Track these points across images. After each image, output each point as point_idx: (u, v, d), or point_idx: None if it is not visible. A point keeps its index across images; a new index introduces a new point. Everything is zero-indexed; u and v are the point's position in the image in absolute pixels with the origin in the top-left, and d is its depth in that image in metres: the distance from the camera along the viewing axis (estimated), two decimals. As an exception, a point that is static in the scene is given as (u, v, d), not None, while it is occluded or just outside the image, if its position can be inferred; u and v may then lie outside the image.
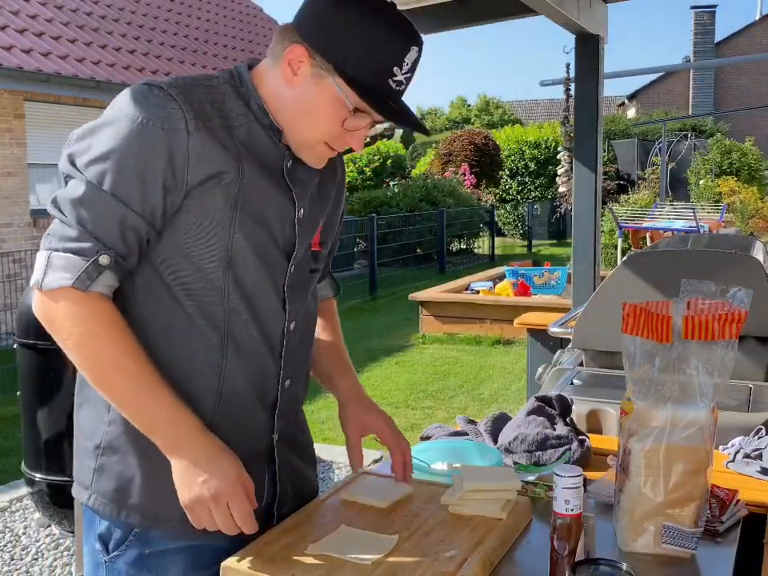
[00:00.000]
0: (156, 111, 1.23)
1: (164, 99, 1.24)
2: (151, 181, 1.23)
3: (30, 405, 3.58)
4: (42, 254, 1.24)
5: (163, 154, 1.23)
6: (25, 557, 3.56)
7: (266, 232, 1.34)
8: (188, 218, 1.27)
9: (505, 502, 1.42)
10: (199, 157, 1.25)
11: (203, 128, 1.25)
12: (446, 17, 3.89)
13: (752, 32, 29.74)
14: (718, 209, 13.06)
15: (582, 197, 4.16)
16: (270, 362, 1.38)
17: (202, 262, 1.29)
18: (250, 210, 1.30)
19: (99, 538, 1.34)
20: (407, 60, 1.28)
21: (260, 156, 1.33)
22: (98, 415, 1.34)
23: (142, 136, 1.22)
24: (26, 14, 9.57)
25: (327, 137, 1.33)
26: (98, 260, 1.22)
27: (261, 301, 1.35)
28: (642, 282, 2.87)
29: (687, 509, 1.33)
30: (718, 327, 1.31)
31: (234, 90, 1.33)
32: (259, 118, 1.33)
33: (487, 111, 39.74)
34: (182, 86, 1.28)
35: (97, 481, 1.33)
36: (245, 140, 1.31)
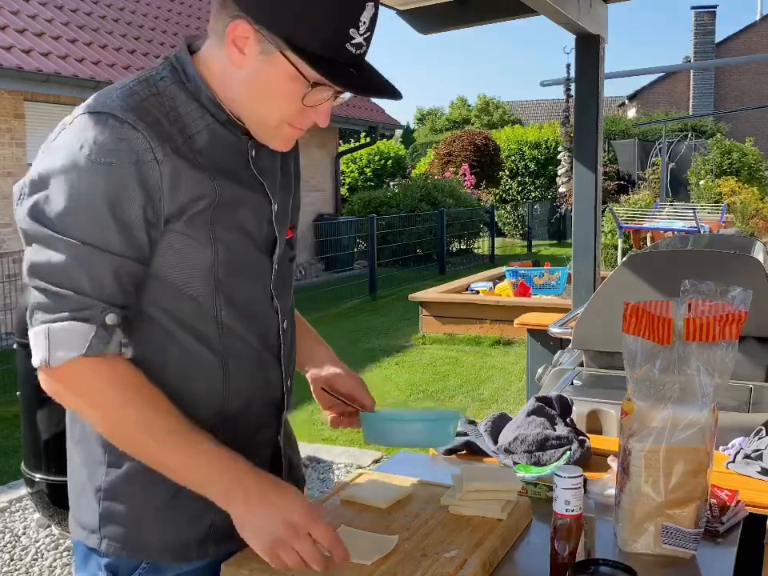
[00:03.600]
0: (118, 145, 1.12)
1: (123, 130, 1.13)
2: (132, 221, 1.14)
3: (30, 405, 3.57)
4: (36, 331, 1.13)
5: (137, 190, 1.14)
6: (25, 557, 3.55)
7: (246, 237, 1.26)
8: (167, 248, 1.19)
9: (505, 503, 1.41)
10: (172, 186, 1.16)
11: (171, 153, 1.16)
12: (446, 17, 3.90)
13: (752, 32, 29.74)
14: (718, 209, 13.06)
15: (582, 197, 4.16)
16: (272, 366, 1.34)
17: (188, 288, 1.22)
18: (226, 221, 1.23)
19: (107, 568, 1.27)
20: (364, 19, 1.14)
21: (226, 158, 1.24)
22: (95, 456, 1.27)
23: (110, 177, 1.12)
24: (26, 14, 9.57)
25: (288, 116, 1.22)
26: (105, 321, 1.14)
27: (253, 309, 1.30)
28: (642, 282, 2.87)
29: (687, 509, 1.33)
30: (718, 328, 1.31)
31: (181, 88, 1.22)
32: (216, 115, 1.23)
33: (487, 111, 39.73)
34: (136, 107, 1.16)
35: (104, 527, 1.27)
36: (208, 146, 1.21)
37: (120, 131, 1.13)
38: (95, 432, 1.25)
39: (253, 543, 1.16)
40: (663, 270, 2.90)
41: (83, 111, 1.17)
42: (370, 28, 1.17)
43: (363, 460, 4.61)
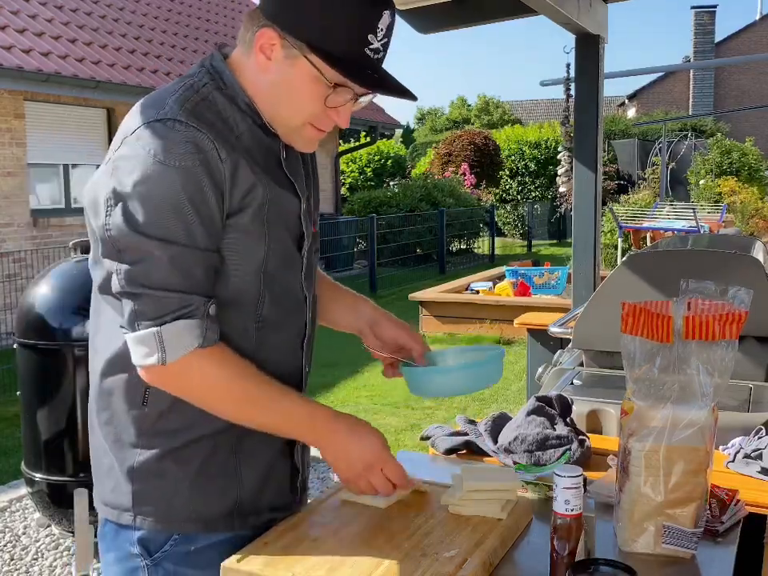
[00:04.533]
0: (187, 148, 1.21)
1: (189, 133, 1.22)
2: (210, 216, 1.23)
3: (30, 405, 3.57)
4: (142, 336, 1.22)
5: (210, 186, 1.22)
6: (25, 557, 3.56)
7: (287, 233, 1.37)
8: (229, 240, 1.28)
9: (505, 502, 1.42)
10: (232, 182, 1.25)
11: (231, 151, 1.25)
12: (446, 17, 3.89)
13: (752, 32, 29.75)
14: (718, 209, 13.06)
15: (582, 197, 4.16)
16: (296, 355, 1.44)
17: (238, 283, 1.30)
18: (274, 219, 1.32)
19: (139, 542, 1.34)
20: (381, 26, 1.26)
21: (265, 158, 1.33)
22: (127, 439, 1.34)
23: (185, 177, 1.20)
24: (26, 14, 9.57)
25: (311, 117, 1.32)
26: (209, 312, 1.24)
27: (290, 303, 1.40)
28: (642, 282, 2.87)
29: (687, 509, 1.33)
30: (718, 327, 1.31)
31: (221, 94, 1.31)
32: (253, 118, 1.32)
33: (487, 111, 39.74)
34: (194, 111, 1.25)
35: (138, 504, 1.34)
36: (251, 148, 1.30)
37: (186, 134, 1.22)
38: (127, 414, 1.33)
39: (339, 473, 1.38)
40: (663, 269, 2.90)
41: (144, 121, 1.24)
42: (387, 35, 1.27)
43: (363, 460, 4.60)
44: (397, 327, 1.61)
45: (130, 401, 1.33)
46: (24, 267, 8.06)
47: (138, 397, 1.32)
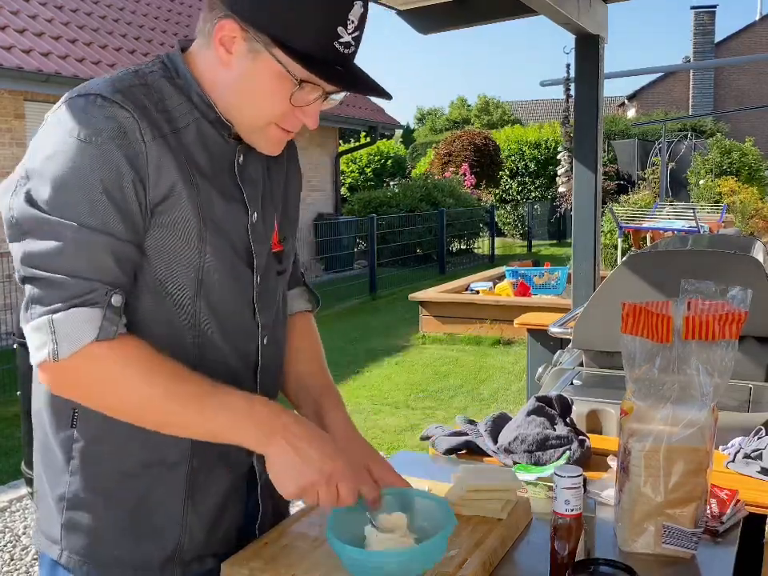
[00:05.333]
0: (107, 124, 1.10)
1: (111, 109, 1.11)
2: (126, 199, 1.11)
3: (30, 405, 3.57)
4: (36, 325, 1.08)
5: (128, 168, 1.11)
6: (25, 557, 3.56)
7: (229, 244, 1.23)
8: (155, 239, 1.16)
9: (505, 502, 1.42)
10: (158, 168, 1.13)
11: (157, 137, 1.14)
12: (446, 17, 3.90)
13: (752, 32, 29.75)
14: (718, 209, 13.05)
15: (581, 197, 4.16)
16: (245, 382, 1.29)
17: (170, 288, 1.18)
18: (213, 222, 1.19)
19: None
20: (352, 17, 1.13)
21: (211, 157, 1.21)
22: (59, 464, 1.23)
23: (101, 155, 1.09)
24: (26, 14, 9.57)
25: (276, 117, 1.20)
26: (111, 302, 1.10)
27: (233, 321, 1.25)
28: (642, 282, 2.87)
29: (687, 509, 1.33)
30: (718, 327, 1.31)
31: (171, 83, 1.20)
32: (204, 112, 1.21)
33: (487, 111, 39.73)
34: (124, 90, 1.14)
35: (66, 537, 1.23)
36: (194, 142, 1.19)
37: (108, 110, 1.11)
38: (56, 438, 1.22)
39: (286, 482, 1.16)
40: (663, 269, 2.90)
41: (69, 96, 1.15)
42: (358, 27, 1.16)
43: (363, 460, 4.60)
44: (365, 456, 1.36)
45: (57, 422, 1.22)
46: (24, 267, 8.05)
47: (65, 417, 1.21)
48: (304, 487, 1.15)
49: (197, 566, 1.26)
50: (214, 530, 1.27)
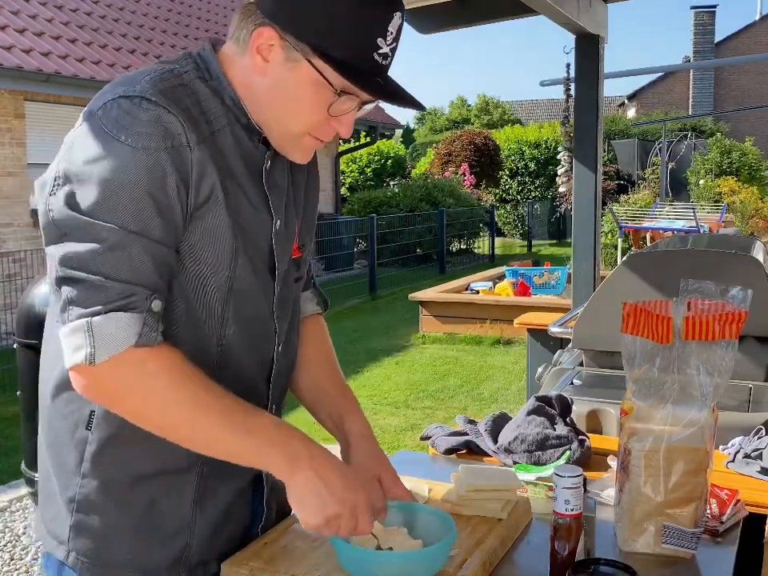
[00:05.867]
0: (153, 128, 1.09)
1: (157, 112, 1.09)
2: (169, 207, 1.10)
3: (30, 405, 3.57)
4: (73, 327, 1.05)
5: (174, 174, 1.10)
6: (25, 557, 3.56)
7: (257, 251, 1.23)
8: (191, 244, 1.15)
9: (505, 502, 1.42)
10: (200, 173, 1.12)
11: (201, 140, 1.13)
12: (446, 17, 3.89)
13: (752, 32, 29.75)
14: (718, 209, 13.05)
15: (581, 197, 4.16)
16: (259, 388, 1.30)
17: (202, 293, 1.18)
18: (244, 229, 1.19)
19: None
20: (391, 29, 1.14)
21: (243, 162, 1.20)
22: (70, 465, 1.22)
23: (147, 160, 1.08)
24: (26, 14, 9.57)
25: (312, 126, 1.19)
26: (151, 307, 1.08)
27: (256, 327, 1.26)
28: (642, 282, 2.87)
29: (687, 509, 1.33)
30: (718, 327, 1.31)
31: (205, 84, 1.18)
32: (237, 116, 1.20)
33: (487, 111, 39.74)
34: (167, 92, 1.12)
35: (74, 539, 1.22)
36: (228, 145, 1.18)
37: (154, 113, 1.09)
38: (70, 439, 1.21)
39: (309, 513, 1.14)
40: (663, 269, 2.90)
41: (112, 97, 1.12)
42: (395, 38, 1.16)
43: (363, 460, 4.60)
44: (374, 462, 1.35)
45: (72, 423, 1.21)
46: (24, 267, 8.06)
47: (81, 420, 1.20)
48: (329, 518, 1.13)
49: (201, 569, 1.26)
50: (219, 533, 1.27)
